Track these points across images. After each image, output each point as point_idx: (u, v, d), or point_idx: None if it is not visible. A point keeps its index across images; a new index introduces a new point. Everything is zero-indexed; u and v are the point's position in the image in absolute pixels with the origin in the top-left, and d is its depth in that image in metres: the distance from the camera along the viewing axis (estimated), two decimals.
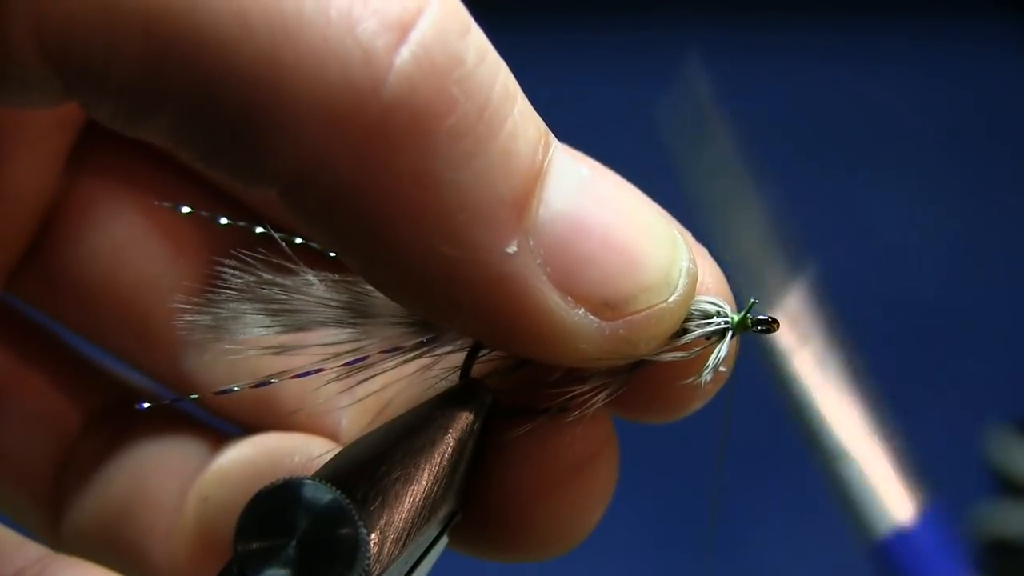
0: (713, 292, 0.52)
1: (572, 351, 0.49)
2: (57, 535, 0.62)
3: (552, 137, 0.48)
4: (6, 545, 0.52)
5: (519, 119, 0.47)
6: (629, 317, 0.49)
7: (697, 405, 0.53)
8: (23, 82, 0.45)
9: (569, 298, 0.48)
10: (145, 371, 0.62)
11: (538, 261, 0.47)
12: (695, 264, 0.50)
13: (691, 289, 0.50)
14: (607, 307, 0.48)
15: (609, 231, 0.48)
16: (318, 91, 0.44)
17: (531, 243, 0.47)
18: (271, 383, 0.54)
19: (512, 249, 0.47)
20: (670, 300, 0.49)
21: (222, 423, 0.62)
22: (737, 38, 1.79)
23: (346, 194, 0.46)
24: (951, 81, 1.76)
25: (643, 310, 0.49)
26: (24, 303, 0.63)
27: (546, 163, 0.48)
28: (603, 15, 1.77)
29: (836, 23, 1.79)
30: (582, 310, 0.48)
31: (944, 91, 1.76)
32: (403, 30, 0.45)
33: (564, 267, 0.48)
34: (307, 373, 0.53)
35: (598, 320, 0.48)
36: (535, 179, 0.47)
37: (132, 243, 0.61)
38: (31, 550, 0.52)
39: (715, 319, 0.52)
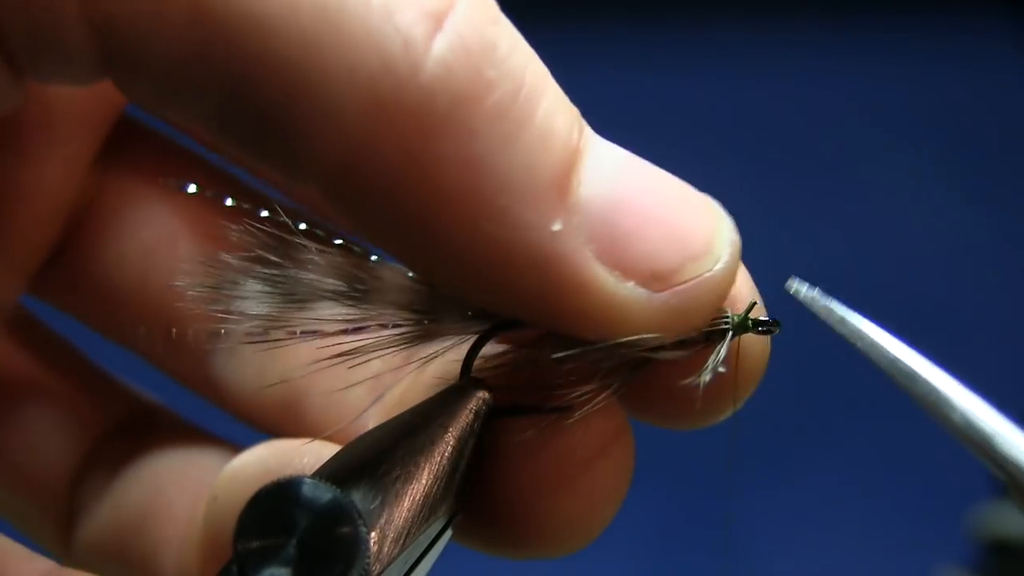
0: (739, 292, 0.52)
1: (624, 325, 0.49)
2: (68, 548, 0.62)
3: (584, 121, 0.49)
4: (14, 559, 0.51)
5: (553, 101, 0.48)
6: (678, 287, 0.49)
7: (715, 412, 0.54)
8: (64, 55, 0.45)
9: (617, 272, 0.48)
10: (172, 373, 0.62)
11: (582, 238, 0.48)
12: (737, 234, 0.51)
13: (735, 258, 0.50)
14: (655, 279, 0.49)
15: (650, 205, 0.49)
16: (358, 77, 0.45)
17: (575, 221, 0.48)
18: (266, 343, 0.54)
19: (557, 227, 0.47)
20: (716, 268, 0.50)
21: (246, 432, 0.62)
22: (738, 37, 1.79)
23: (389, 181, 0.46)
24: (951, 79, 1.76)
25: (691, 279, 0.49)
26: (51, 305, 0.63)
27: (582, 143, 0.48)
28: (613, 14, 1.77)
29: (837, 22, 1.79)
30: (631, 283, 0.49)
31: (944, 89, 1.76)
32: (438, 19, 0.46)
33: (609, 242, 0.48)
34: (306, 334, 0.53)
35: (647, 291, 0.49)
36: (573, 158, 0.48)
37: (161, 246, 0.61)
38: (39, 563, 0.52)
39: (716, 319, 0.52)
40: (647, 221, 0.49)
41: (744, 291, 0.53)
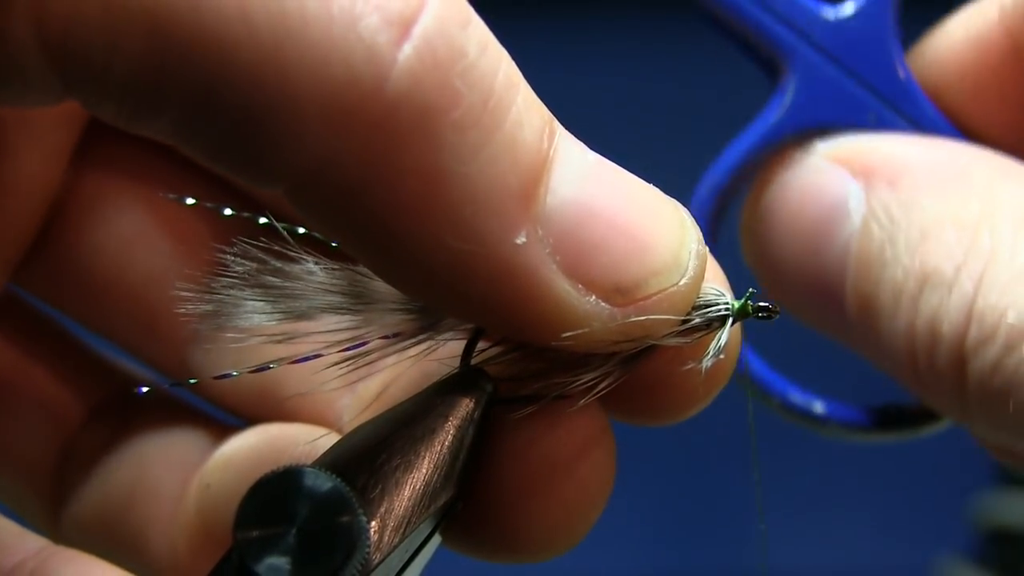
0: (710, 280, 0.52)
1: (584, 338, 0.49)
2: (57, 527, 0.62)
3: (557, 124, 0.48)
4: (6, 536, 0.52)
5: (523, 108, 0.47)
6: (641, 302, 0.49)
7: (696, 405, 0.53)
8: (23, 81, 0.45)
9: (580, 286, 0.48)
10: (152, 365, 0.62)
11: (547, 250, 0.47)
12: (704, 246, 0.50)
13: (701, 271, 0.50)
14: (618, 293, 0.48)
15: (617, 216, 0.48)
16: (322, 88, 0.44)
17: (540, 232, 0.47)
18: (270, 368, 0.54)
19: (521, 240, 0.47)
20: (681, 283, 0.49)
21: (227, 416, 0.62)
22: None
23: (353, 191, 0.46)
24: None
25: (654, 294, 0.49)
26: (32, 296, 0.63)
27: (552, 151, 0.48)
28: (601, 6, 1.77)
29: None
30: (593, 297, 0.48)
31: None
32: (405, 25, 0.45)
33: (574, 255, 0.48)
34: (307, 358, 0.53)
35: (609, 307, 0.48)
36: (542, 168, 0.47)
37: (139, 238, 0.61)
38: (31, 541, 0.52)
39: (716, 306, 0.52)
40: (613, 231, 0.48)
41: (708, 274, 0.52)
